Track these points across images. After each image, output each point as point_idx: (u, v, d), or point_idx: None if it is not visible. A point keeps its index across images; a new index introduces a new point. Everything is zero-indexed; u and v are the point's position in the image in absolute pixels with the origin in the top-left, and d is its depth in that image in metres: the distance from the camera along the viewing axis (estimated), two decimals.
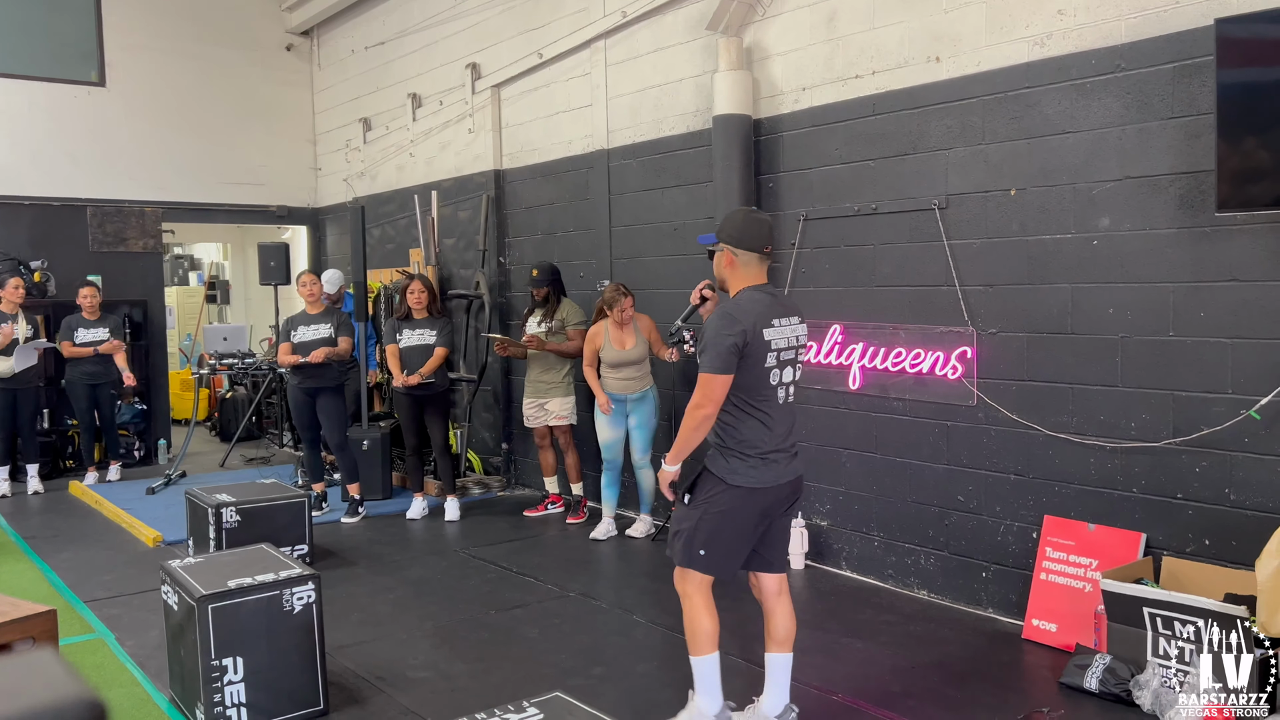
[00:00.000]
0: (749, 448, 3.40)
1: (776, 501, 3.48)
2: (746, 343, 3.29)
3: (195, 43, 10.00)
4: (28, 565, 5.95)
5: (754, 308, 3.37)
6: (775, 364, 3.39)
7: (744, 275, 3.46)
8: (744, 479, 3.39)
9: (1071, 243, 4.41)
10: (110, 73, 9.57)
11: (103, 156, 9.51)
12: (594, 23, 6.88)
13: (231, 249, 14.44)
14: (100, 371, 8.21)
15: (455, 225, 8.48)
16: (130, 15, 9.62)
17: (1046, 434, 4.53)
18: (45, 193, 9.19)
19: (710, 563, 3.48)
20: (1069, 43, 4.38)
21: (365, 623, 4.86)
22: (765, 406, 3.39)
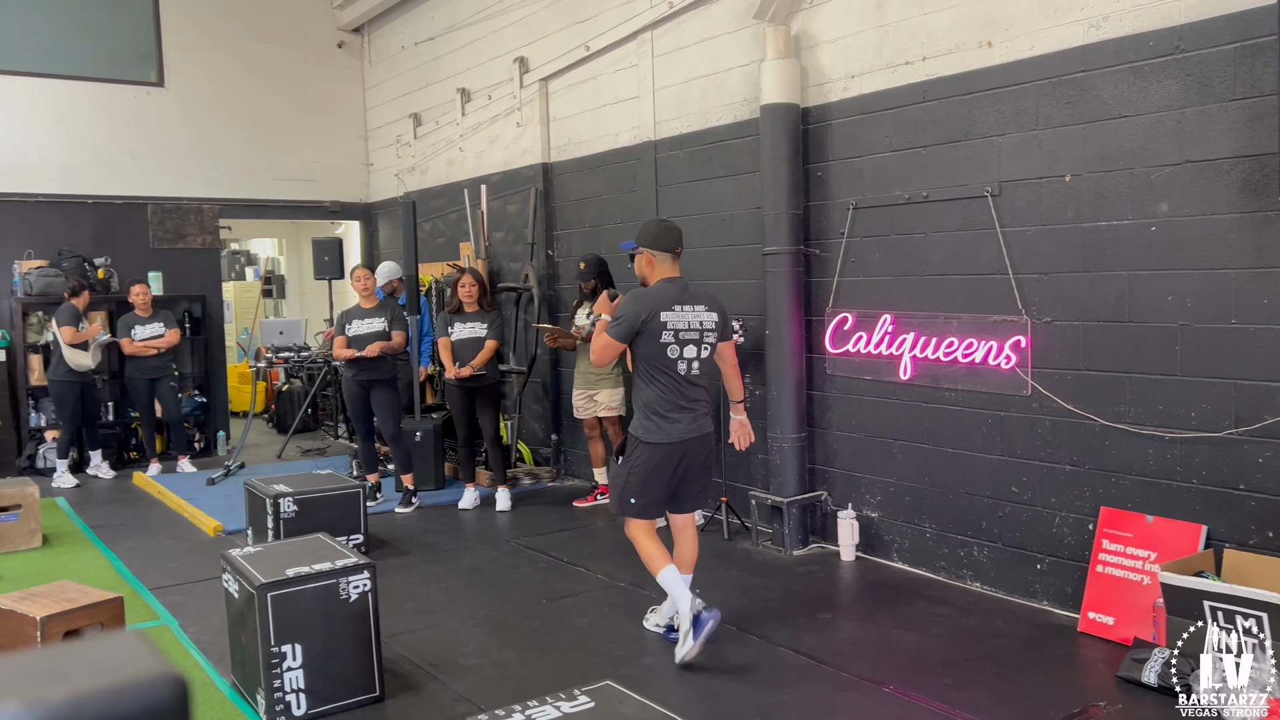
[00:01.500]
0: (653, 409, 4.21)
1: (687, 454, 4.25)
2: (644, 321, 4.12)
3: (249, 42, 10.19)
4: (95, 554, 6.14)
5: (659, 295, 4.19)
6: (674, 341, 4.17)
7: (660, 271, 4.28)
8: (653, 436, 4.21)
9: (1129, 229, 4.33)
10: (168, 73, 9.79)
11: (162, 155, 9.73)
12: (640, 14, 6.88)
13: (286, 244, 14.72)
14: (158, 366, 8.43)
15: (504, 219, 8.55)
16: (187, 16, 9.83)
17: (1103, 424, 4.46)
18: (107, 191, 9.44)
19: (640, 508, 4.30)
20: (1126, 24, 4.28)
21: (419, 611, 4.94)
22: (665, 376, 4.19)
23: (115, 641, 0.65)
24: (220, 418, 10.02)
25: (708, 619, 4.11)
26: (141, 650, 0.62)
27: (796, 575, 5.37)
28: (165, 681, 0.57)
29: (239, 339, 12.89)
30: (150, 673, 0.58)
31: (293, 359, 9.59)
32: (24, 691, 0.55)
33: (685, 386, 4.21)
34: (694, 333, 4.20)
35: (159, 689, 0.57)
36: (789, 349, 5.75)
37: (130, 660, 0.59)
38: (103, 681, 0.56)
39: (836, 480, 5.78)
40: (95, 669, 0.57)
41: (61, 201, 9.21)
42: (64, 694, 0.57)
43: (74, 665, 0.59)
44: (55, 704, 0.56)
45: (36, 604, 4.10)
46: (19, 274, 8.86)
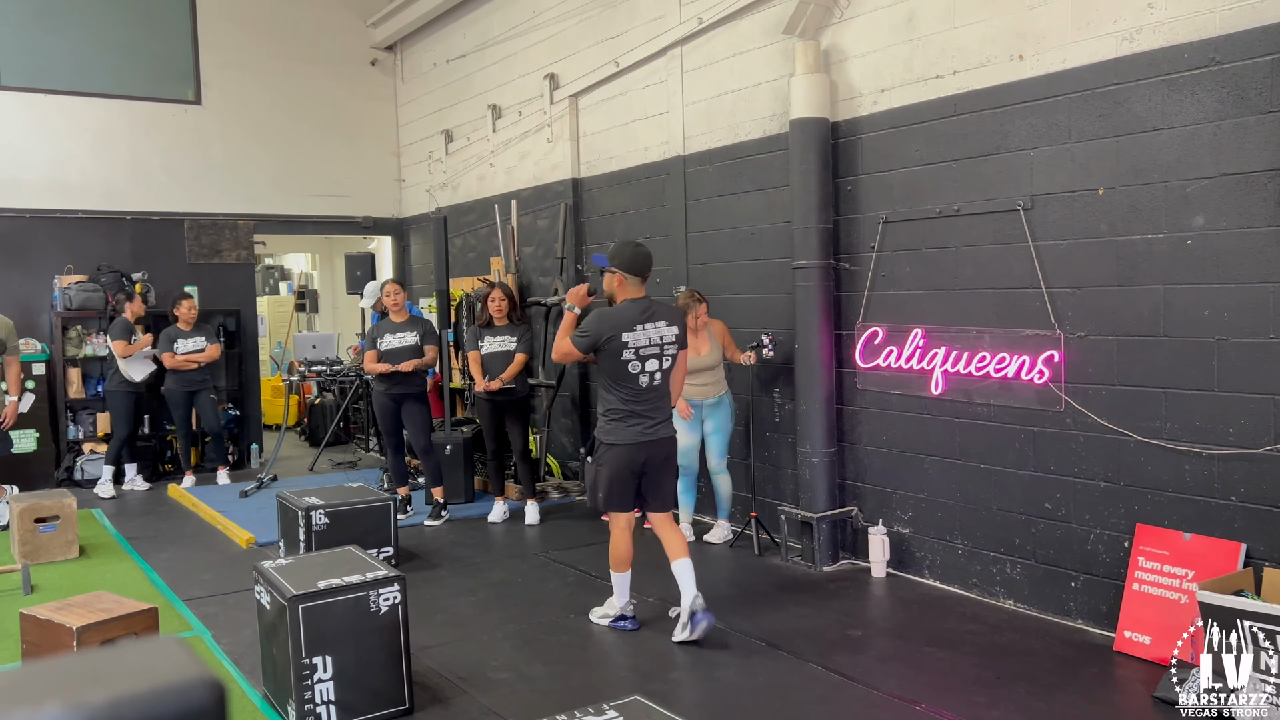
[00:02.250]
0: (614, 414, 4.61)
1: (647, 457, 4.64)
2: (606, 340, 4.52)
3: (284, 60, 10.35)
4: (131, 565, 6.22)
5: (622, 316, 4.56)
6: (635, 358, 4.55)
7: (627, 291, 4.64)
8: (612, 438, 4.62)
9: (1164, 242, 4.28)
10: (205, 91, 9.96)
11: (198, 171, 9.89)
12: (670, 30, 6.91)
13: (319, 259, 14.89)
14: (199, 379, 8.55)
15: (534, 233, 8.60)
16: (224, 35, 10.01)
17: (1138, 440, 4.40)
18: (145, 207, 9.61)
19: (612, 503, 4.69)
20: (1159, 37, 4.25)
21: (448, 624, 4.95)
22: (625, 387, 4.58)
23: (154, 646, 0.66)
24: (254, 431, 10.13)
25: (702, 620, 4.54)
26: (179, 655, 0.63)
27: (827, 591, 5.33)
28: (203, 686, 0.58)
29: (272, 353, 13.03)
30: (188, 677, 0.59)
31: (325, 373, 9.69)
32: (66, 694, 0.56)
33: (645, 394, 4.62)
34: (654, 348, 4.60)
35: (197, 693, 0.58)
36: (819, 363, 5.73)
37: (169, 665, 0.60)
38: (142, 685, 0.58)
39: (867, 496, 5.74)
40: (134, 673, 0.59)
41: (101, 218, 9.38)
42: (104, 697, 0.58)
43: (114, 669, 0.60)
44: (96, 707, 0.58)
45: (73, 614, 4.16)
46: (59, 289, 9.02)
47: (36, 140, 9.12)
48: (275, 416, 11.65)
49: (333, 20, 10.67)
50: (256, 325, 10.53)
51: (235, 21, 10.06)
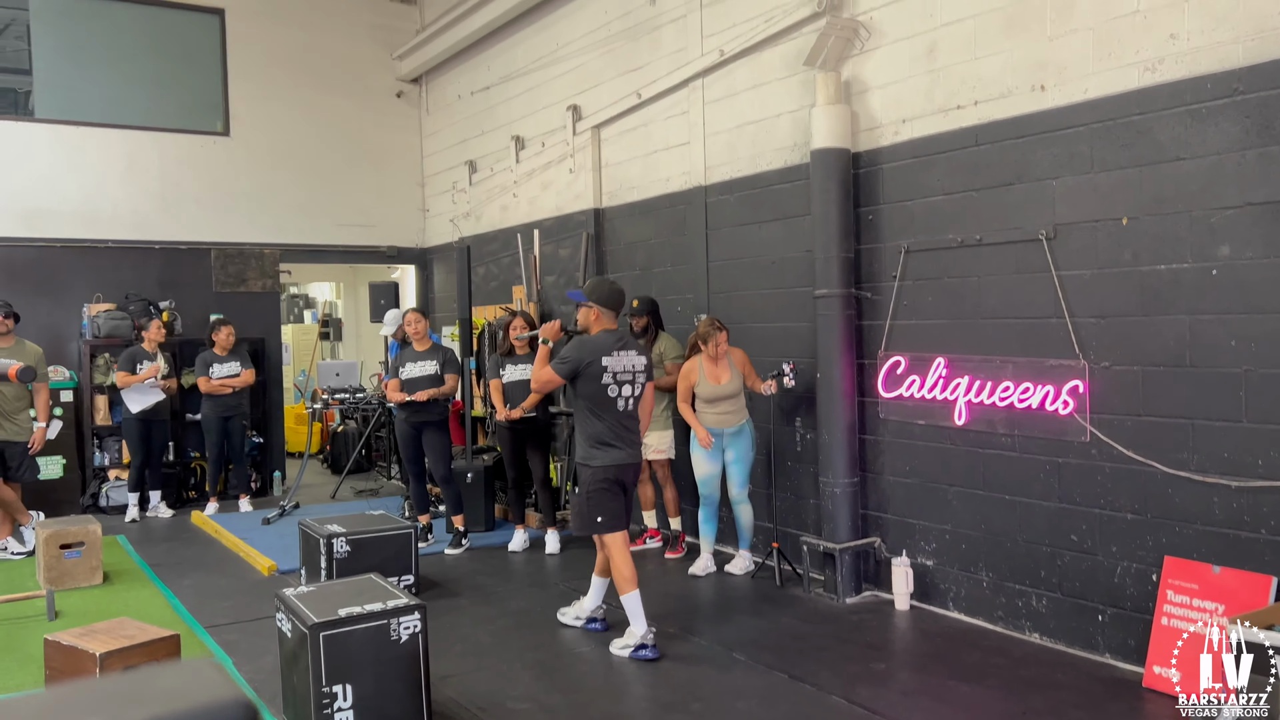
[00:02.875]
0: (598, 439, 4.88)
1: (625, 478, 4.95)
2: (587, 365, 4.81)
3: (312, 92, 10.51)
4: (154, 591, 6.25)
5: (601, 343, 4.88)
6: (612, 382, 4.85)
7: (602, 324, 4.97)
8: (597, 460, 4.87)
9: (1189, 272, 4.25)
10: (234, 122, 10.13)
11: (226, 201, 10.04)
12: (692, 62, 6.98)
13: (344, 288, 15.01)
14: (233, 404, 8.64)
15: (556, 262, 8.65)
16: (253, 68, 10.18)
17: (1165, 472, 4.35)
18: (173, 237, 9.75)
19: (606, 524, 4.91)
20: (1182, 67, 4.24)
21: (468, 653, 4.94)
22: (605, 411, 4.87)
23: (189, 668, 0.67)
24: (277, 458, 10.18)
25: (651, 656, 4.79)
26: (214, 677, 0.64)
27: (850, 624, 5.28)
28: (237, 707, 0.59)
29: (296, 380, 13.12)
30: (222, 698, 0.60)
31: (348, 400, 9.75)
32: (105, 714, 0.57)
33: (624, 419, 4.92)
34: (628, 374, 4.91)
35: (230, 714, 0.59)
36: (840, 392, 5.71)
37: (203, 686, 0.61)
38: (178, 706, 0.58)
39: (890, 526, 5.69)
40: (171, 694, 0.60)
41: (130, 247, 9.52)
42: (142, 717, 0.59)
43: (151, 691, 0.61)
44: None
45: (96, 640, 4.19)
46: (88, 317, 9.15)
47: (69, 171, 9.30)
48: (298, 444, 11.71)
49: (360, 54, 10.84)
50: (281, 353, 10.62)
51: (264, 55, 10.24)
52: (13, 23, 9.43)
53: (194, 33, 10.04)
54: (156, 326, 8.54)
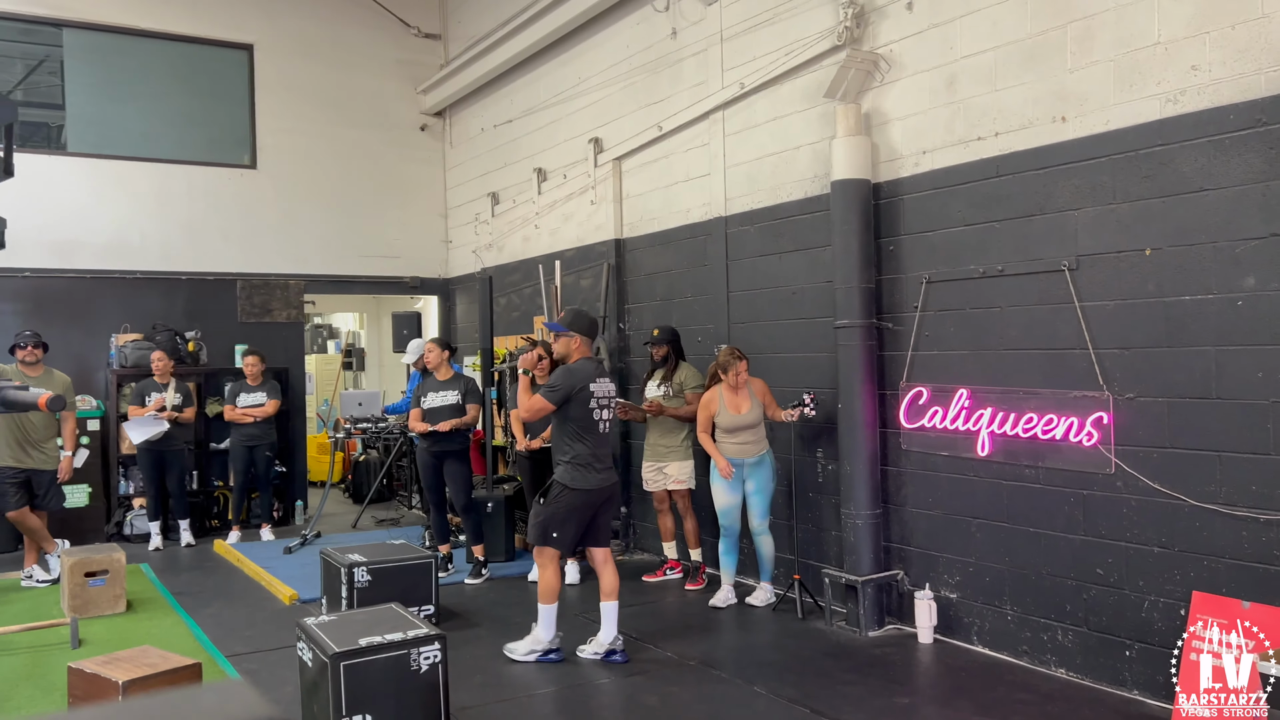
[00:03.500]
0: (582, 461, 5.18)
1: (600, 500, 5.26)
2: (577, 390, 5.13)
3: (337, 126, 10.67)
4: (176, 620, 6.27)
5: (586, 370, 5.23)
6: (596, 406, 5.21)
7: (581, 352, 5.30)
8: (580, 483, 5.17)
9: (1214, 303, 4.22)
10: (261, 155, 10.29)
11: (252, 233, 10.18)
12: (712, 95, 7.04)
13: (367, 318, 15.14)
14: (258, 434, 8.70)
15: (577, 293, 8.69)
16: (280, 103, 10.36)
17: (1192, 504, 4.29)
18: (200, 268, 9.88)
19: (560, 542, 5.21)
20: (1204, 99, 4.24)
21: (488, 685, 4.92)
22: (588, 434, 5.21)
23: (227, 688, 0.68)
24: (299, 487, 10.23)
25: (618, 659, 5.17)
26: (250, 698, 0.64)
27: (872, 657, 5.22)
28: None
29: (319, 410, 13.21)
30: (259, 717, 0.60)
31: (370, 430, 9.79)
32: None
33: (604, 441, 5.29)
34: (606, 399, 5.28)
35: None
36: (862, 423, 5.68)
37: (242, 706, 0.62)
38: None
39: (913, 559, 5.64)
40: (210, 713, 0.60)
41: (158, 278, 9.66)
42: None
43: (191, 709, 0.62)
44: None
45: (119, 668, 4.21)
46: (115, 347, 9.26)
47: (100, 204, 9.46)
48: (320, 473, 11.77)
49: (384, 88, 11.00)
50: (304, 383, 10.70)
51: (291, 90, 10.41)
52: (46, 59, 9.65)
53: (223, 68, 10.24)
54: (159, 358, 8.56)
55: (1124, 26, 4.53)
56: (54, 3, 9.35)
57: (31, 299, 9.11)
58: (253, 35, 10.25)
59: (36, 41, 9.60)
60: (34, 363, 7.29)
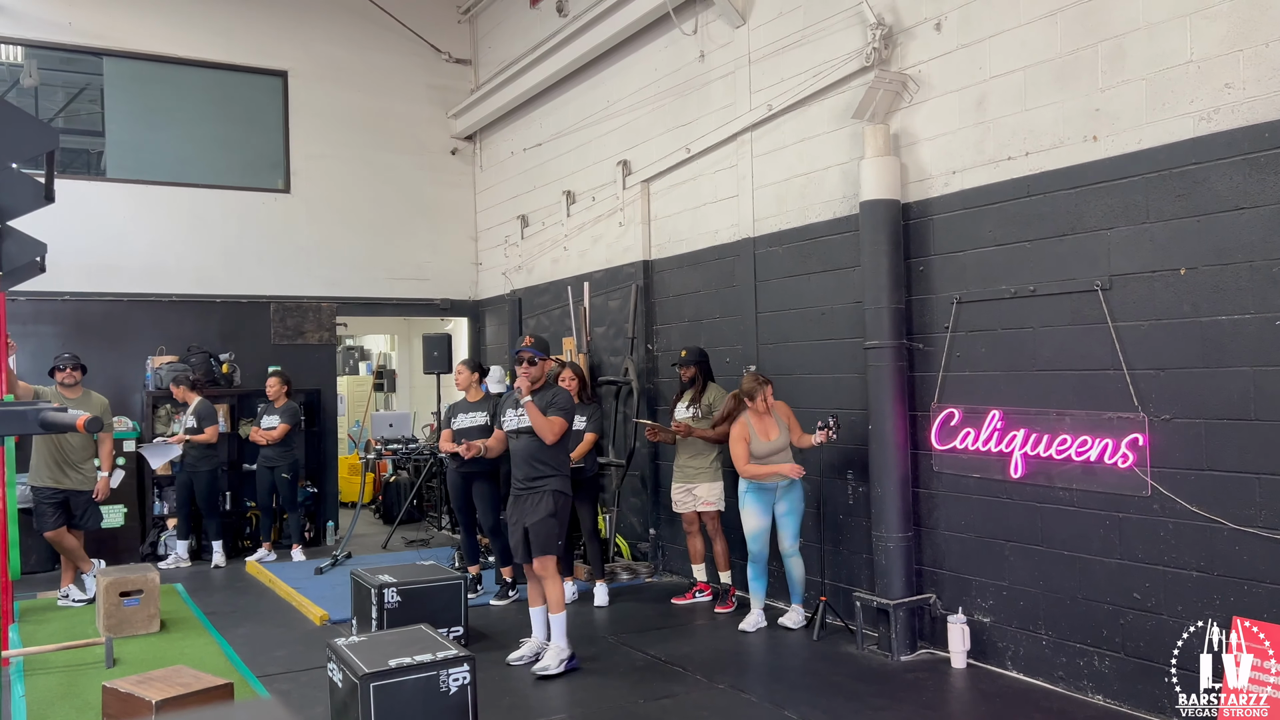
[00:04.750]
0: (564, 470, 5.58)
1: None
2: (574, 412, 5.80)
3: (369, 150, 10.82)
4: (209, 640, 6.32)
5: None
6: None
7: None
8: (569, 491, 5.61)
9: (1251, 323, 4.16)
10: (294, 180, 10.44)
11: (285, 256, 10.31)
12: (740, 117, 7.06)
13: (398, 340, 15.26)
14: (274, 456, 8.80)
15: (605, 314, 8.72)
16: (314, 128, 10.52)
17: (1232, 528, 4.21)
18: (234, 291, 10.02)
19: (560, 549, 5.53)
20: (1238, 117, 4.20)
21: (515, 707, 4.91)
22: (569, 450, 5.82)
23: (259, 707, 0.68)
24: (330, 508, 10.30)
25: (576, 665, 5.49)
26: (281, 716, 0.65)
27: (905, 683, 5.15)
28: None
29: (350, 431, 13.30)
30: None
31: (401, 451, 9.85)
32: None
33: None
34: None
35: None
36: (893, 445, 5.64)
37: None
38: None
39: (945, 582, 5.58)
40: None
41: (193, 300, 9.81)
42: None
43: None
44: None
45: (152, 688, 4.24)
46: (151, 369, 9.40)
47: (137, 228, 9.63)
48: (351, 494, 11.84)
49: (416, 113, 11.14)
50: (336, 404, 10.78)
51: (324, 116, 10.57)
52: (87, 87, 9.87)
53: (258, 94, 10.42)
54: (173, 386, 8.76)
55: (1156, 45, 4.50)
56: (95, 32, 9.56)
57: (71, 321, 9.28)
58: (287, 62, 10.42)
59: (78, 70, 9.83)
60: (73, 385, 7.41)
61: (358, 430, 13.17)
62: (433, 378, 10.15)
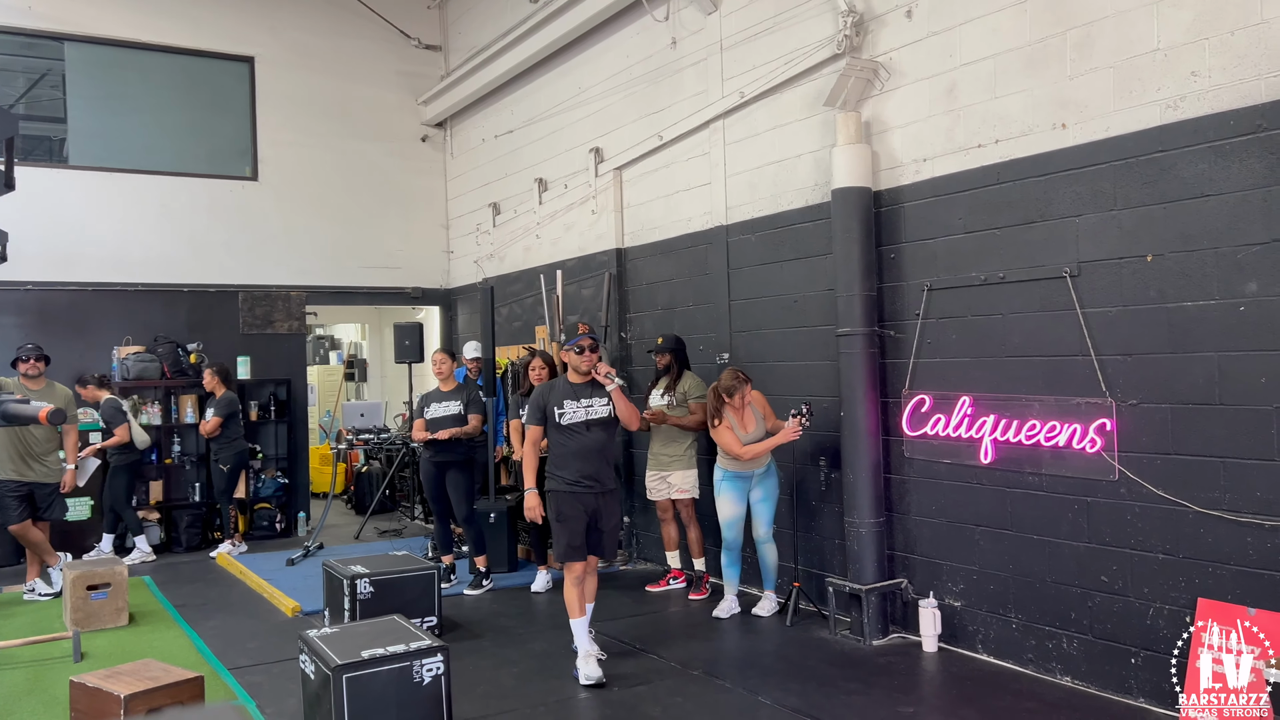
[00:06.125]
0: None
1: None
2: None
3: (338, 138, 10.70)
4: (179, 633, 6.26)
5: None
6: None
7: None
8: None
9: (1216, 309, 4.21)
10: (262, 167, 10.31)
11: (253, 245, 10.19)
12: (713, 104, 7.04)
13: (369, 329, 15.15)
14: (215, 448, 8.78)
15: (578, 302, 8.69)
16: (282, 115, 10.38)
17: (1197, 511, 4.28)
18: (201, 280, 9.89)
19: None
20: (1204, 104, 4.24)
21: (490, 695, 4.90)
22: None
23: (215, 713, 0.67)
24: (301, 499, 10.22)
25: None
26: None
27: (877, 667, 5.20)
28: None
29: (321, 421, 13.20)
30: None
31: (372, 441, 9.79)
32: None
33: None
34: None
35: None
36: (865, 431, 5.67)
37: None
38: None
39: (917, 567, 5.63)
40: None
41: (159, 290, 9.67)
42: None
43: None
44: None
45: (121, 682, 4.19)
46: (117, 359, 9.27)
47: (102, 217, 9.47)
48: (323, 484, 11.76)
49: (385, 99, 11.03)
50: (306, 394, 10.69)
51: (292, 102, 10.44)
52: (48, 73, 9.67)
53: (224, 80, 10.26)
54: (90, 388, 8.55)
55: (1123, 33, 4.53)
56: (56, 17, 9.38)
57: (34, 312, 9.12)
58: (254, 48, 10.28)
59: (39, 55, 9.63)
60: (36, 376, 7.29)
61: (329, 420, 13.07)
62: (404, 367, 10.08)
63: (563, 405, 5.17)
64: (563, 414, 5.17)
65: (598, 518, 5.21)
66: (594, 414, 5.18)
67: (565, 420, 5.16)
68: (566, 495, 5.15)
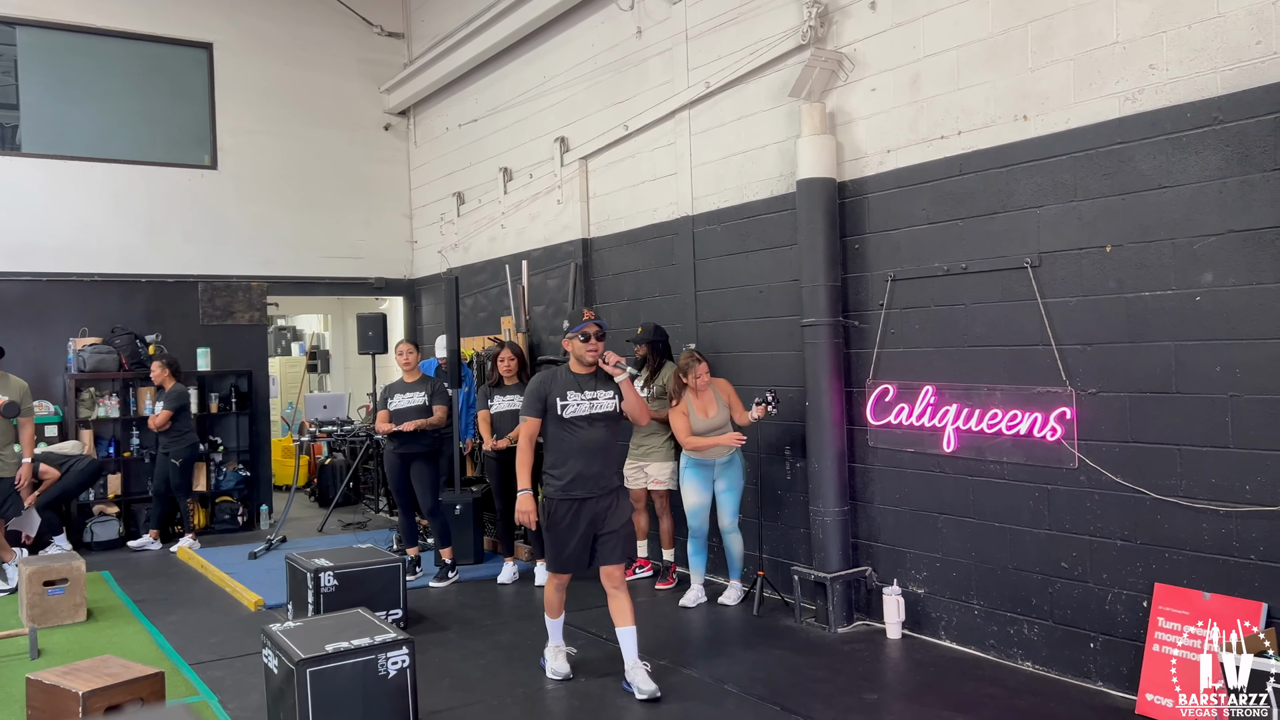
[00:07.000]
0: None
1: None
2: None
3: (299, 126, 10.56)
4: (139, 628, 6.17)
5: None
6: None
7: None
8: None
9: (1173, 299, 4.28)
10: (221, 156, 10.15)
11: (213, 235, 10.04)
12: (678, 94, 7.03)
13: (332, 320, 14.98)
14: (165, 442, 8.58)
15: (544, 293, 8.66)
16: (241, 102, 10.22)
17: (1154, 498, 4.35)
18: (160, 270, 9.73)
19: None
20: (1162, 97, 4.30)
21: (456, 688, 4.88)
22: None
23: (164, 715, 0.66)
24: (264, 491, 10.11)
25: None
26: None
27: (842, 654, 5.25)
28: None
29: (284, 413, 13.06)
30: None
31: (336, 433, 9.69)
32: None
33: None
34: None
35: None
36: (829, 421, 5.71)
37: None
38: None
39: (881, 555, 5.68)
40: None
41: (117, 280, 9.50)
42: None
43: None
44: None
45: (79, 679, 4.12)
46: (73, 351, 9.10)
47: (57, 206, 9.28)
48: (285, 477, 11.63)
49: (347, 87, 10.90)
50: (268, 386, 10.56)
51: (251, 89, 10.28)
52: (0, 58, 9.45)
53: (181, 67, 10.09)
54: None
55: (1083, 26, 4.58)
56: (8, 1, 9.16)
57: None
58: (211, 34, 10.11)
59: None
60: None
61: (291, 412, 12.93)
62: (368, 358, 9.99)
63: (565, 397, 4.72)
64: (565, 406, 4.71)
65: (600, 522, 4.79)
66: (599, 408, 4.74)
67: (568, 413, 4.71)
68: (562, 504, 4.76)
